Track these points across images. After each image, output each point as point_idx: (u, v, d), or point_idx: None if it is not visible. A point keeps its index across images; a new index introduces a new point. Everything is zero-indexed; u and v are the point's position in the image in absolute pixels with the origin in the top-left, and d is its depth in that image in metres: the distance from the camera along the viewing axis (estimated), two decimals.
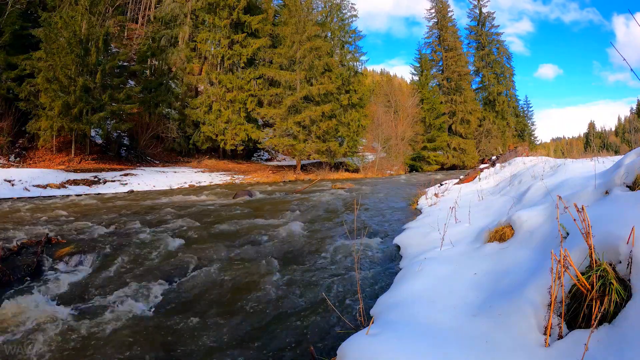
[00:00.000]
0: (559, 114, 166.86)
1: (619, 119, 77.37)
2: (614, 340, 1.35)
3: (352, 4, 28.90)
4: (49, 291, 3.08)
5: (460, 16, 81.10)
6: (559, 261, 1.54)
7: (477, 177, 8.87)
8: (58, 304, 2.77)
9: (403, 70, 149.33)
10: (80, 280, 3.35)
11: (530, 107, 78.54)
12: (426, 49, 38.84)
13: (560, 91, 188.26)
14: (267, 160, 26.63)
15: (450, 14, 38.50)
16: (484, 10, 39.73)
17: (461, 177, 10.24)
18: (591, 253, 1.63)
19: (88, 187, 12.39)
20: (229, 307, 2.79)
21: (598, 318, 1.45)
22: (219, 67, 21.90)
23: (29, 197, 10.25)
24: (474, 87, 39.48)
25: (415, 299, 2.26)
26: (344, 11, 27.98)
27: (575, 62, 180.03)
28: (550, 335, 1.54)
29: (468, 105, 36.37)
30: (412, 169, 32.40)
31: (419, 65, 37.95)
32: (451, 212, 4.24)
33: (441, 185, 9.35)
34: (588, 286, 1.55)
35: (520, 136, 44.24)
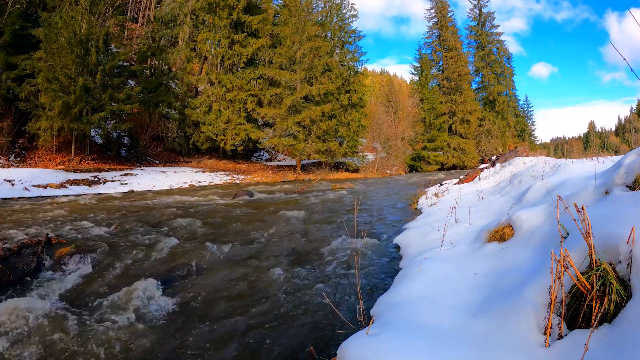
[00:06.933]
0: (557, 114, 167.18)
1: (619, 119, 77.43)
2: (614, 340, 1.35)
3: (352, 4, 28.80)
4: (49, 291, 3.08)
5: (456, 13, 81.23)
6: (559, 261, 1.53)
7: (477, 177, 8.87)
8: (58, 305, 2.77)
9: (395, 69, 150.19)
10: (80, 280, 3.35)
11: (530, 107, 78.65)
12: (426, 48, 38.89)
13: (556, 91, 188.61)
14: (267, 160, 26.63)
15: (450, 14, 38.53)
16: (484, 10, 39.76)
17: (461, 177, 10.24)
18: (591, 253, 1.63)
19: (88, 187, 12.39)
20: (228, 307, 2.78)
21: (598, 318, 1.45)
22: (219, 67, 21.90)
23: (29, 197, 10.25)
24: (474, 87, 39.49)
25: (415, 299, 2.26)
26: (343, 11, 28.01)
27: (569, 61, 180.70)
28: (550, 335, 1.54)
29: (468, 105, 36.36)
30: (412, 169, 32.40)
31: (419, 65, 37.97)
32: (451, 212, 4.25)
33: (441, 185, 9.34)
34: (588, 286, 1.55)
35: (520, 136, 44.26)
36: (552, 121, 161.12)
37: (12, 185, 10.99)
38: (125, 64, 19.19)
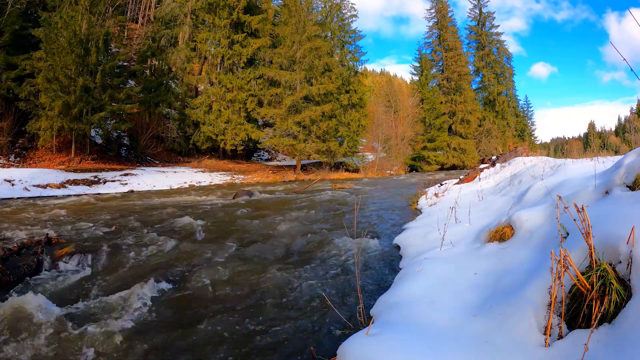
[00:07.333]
0: (557, 114, 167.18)
1: (619, 119, 77.47)
2: (614, 340, 1.35)
3: (352, 4, 28.84)
4: (49, 291, 3.08)
5: (456, 13, 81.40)
6: (559, 261, 1.53)
7: (477, 177, 8.87)
8: (57, 305, 2.77)
9: (395, 69, 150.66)
10: (80, 280, 3.35)
11: (530, 107, 78.80)
12: (426, 48, 38.87)
13: (556, 91, 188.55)
14: (267, 160, 26.63)
15: (450, 14, 38.52)
16: (484, 10, 39.75)
17: (461, 177, 10.23)
18: (591, 253, 1.63)
19: (88, 187, 12.39)
20: (227, 308, 2.78)
21: (598, 318, 1.45)
22: (219, 67, 21.90)
23: (29, 197, 10.25)
24: (474, 87, 39.46)
25: (415, 299, 2.26)
26: (343, 11, 28.02)
27: (569, 61, 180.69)
28: (550, 335, 1.54)
29: (468, 105, 36.35)
30: (412, 169, 32.40)
31: (418, 65, 37.96)
32: (451, 212, 4.24)
33: (441, 185, 9.34)
34: (588, 286, 1.55)
35: (520, 136, 44.24)
36: (552, 121, 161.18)
37: (12, 185, 10.98)
38: (125, 64, 19.19)
